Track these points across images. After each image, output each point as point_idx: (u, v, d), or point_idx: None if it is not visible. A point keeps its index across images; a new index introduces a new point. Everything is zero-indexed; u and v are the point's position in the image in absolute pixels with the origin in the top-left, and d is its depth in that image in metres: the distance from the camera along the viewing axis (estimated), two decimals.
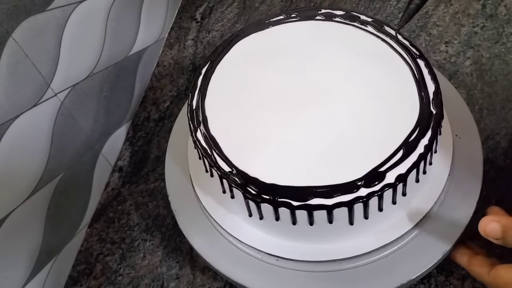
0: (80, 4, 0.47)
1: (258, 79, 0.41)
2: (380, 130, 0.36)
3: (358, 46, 0.41)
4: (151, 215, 0.52)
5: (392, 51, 0.40)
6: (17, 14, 0.39)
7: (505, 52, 0.57)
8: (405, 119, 0.36)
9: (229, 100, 0.40)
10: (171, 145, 0.47)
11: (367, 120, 0.37)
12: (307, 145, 0.36)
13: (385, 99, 0.38)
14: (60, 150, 0.46)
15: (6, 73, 0.39)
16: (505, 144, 0.49)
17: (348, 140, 0.36)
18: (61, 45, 0.45)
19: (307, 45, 0.42)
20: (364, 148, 0.35)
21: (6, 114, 0.39)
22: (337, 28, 0.43)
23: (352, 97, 0.38)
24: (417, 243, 0.37)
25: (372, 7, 0.66)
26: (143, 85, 0.63)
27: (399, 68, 0.39)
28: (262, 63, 0.42)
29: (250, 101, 0.39)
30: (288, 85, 0.40)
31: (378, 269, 0.37)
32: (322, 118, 0.37)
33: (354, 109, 0.38)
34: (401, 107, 0.37)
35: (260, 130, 0.37)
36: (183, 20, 0.70)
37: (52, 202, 0.46)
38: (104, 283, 0.48)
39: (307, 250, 0.37)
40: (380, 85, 0.39)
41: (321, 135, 0.36)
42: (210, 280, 0.46)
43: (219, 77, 0.41)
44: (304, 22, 0.44)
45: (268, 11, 0.69)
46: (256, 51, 0.43)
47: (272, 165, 0.35)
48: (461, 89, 0.54)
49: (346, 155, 0.35)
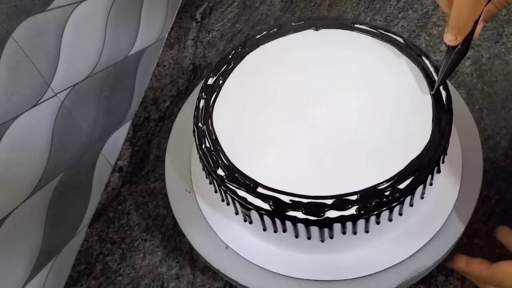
0: (80, 4, 0.47)
1: (267, 84, 0.41)
2: (390, 140, 0.36)
3: (368, 53, 0.41)
4: (151, 215, 0.52)
5: (405, 59, 0.40)
6: (17, 14, 0.39)
7: (505, 52, 0.57)
8: (415, 134, 0.35)
9: (236, 106, 0.40)
10: (171, 145, 0.47)
11: (375, 129, 0.36)
12: (313, 153, 0.36)
13: (395, 109, 0.37)
14: (60, 150, 0.46)
15: (6, 73, 0.39)
16: (505, 144, 0.49)
17: (355, 148, 0.35)
18: (61, 45, 0.45)
19: (317, 51, 0.42)
20: (371, 158, 0.35)
21: (6, 114, 0.39)
22: (345, 35, 0.43)
23: (362, 104, 0.38)
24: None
25: (372, 7, 0.66)
26: (143, 85, 0.63)
27: (413, 77, 0.39)
28: (272, 69, 0.42)
29: (258, 107, 0.39)
30: (296, 90, 0.40)
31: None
32: (330, 125, 0.37)
33: (362, 116, 0.37)
34: (411, 120, 0.36)
35: (266, 136, 0.37)
36: (183, 20, 0.70)
37: (52, 202, 0.46)
38: (104, 283, 0.48)
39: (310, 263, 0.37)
40: (390, 94, 0.38)
41: (328, 142, 0.36)
42: (210, 280, 0.46)
43: (230, 84, 0.41)
44: (311, 30, 0.44)
45: (268, 11, 0.69)
46: (267, 58, 0.43)
47: (274, 172, 0.35)
48: (461, 89, 0.54)
49: (352, 165, 0.35)
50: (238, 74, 0.42)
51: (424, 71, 0.39)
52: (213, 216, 0.41)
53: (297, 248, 0.37)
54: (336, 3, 0.68)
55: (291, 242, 0.36)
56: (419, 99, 0.37)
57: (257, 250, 0.38)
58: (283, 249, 0.38)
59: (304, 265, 0.37)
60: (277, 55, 0.43)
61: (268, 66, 0.42)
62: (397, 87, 0.38)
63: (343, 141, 0.36)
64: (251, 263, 0.38)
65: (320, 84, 0.40)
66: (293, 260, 0.37)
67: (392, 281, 0.36)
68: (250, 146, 0.37)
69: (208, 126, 0.38)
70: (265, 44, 0.44)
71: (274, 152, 0.36)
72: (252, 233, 0.39)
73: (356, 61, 0.41)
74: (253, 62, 0.43)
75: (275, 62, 0.42)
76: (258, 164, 0.35)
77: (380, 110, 0.37)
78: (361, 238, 0.35)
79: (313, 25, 0.44)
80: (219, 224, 0.40)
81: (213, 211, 0.41)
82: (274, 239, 0.37)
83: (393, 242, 0.37)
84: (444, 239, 0.37)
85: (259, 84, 0.41)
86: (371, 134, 0.36)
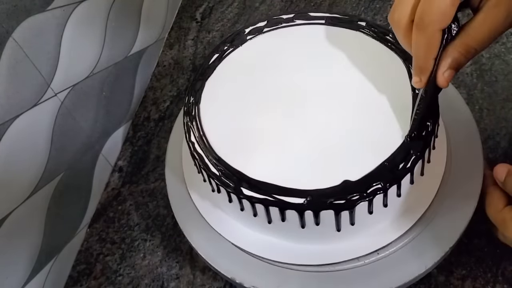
0: (80, 4, 0.47)
1: (255, 82, 0.41)
2: (378, 131, 0.36)
3: (359, 51, 0.41)
4: (151, 215, 0.52)
5: (395, 55, 0.40)
6: (17, 14, 0.39)
7: (505, 52, 0.57)
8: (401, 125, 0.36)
9: (225, 103, 0.40)
10: (171, 145, 0.47)
11: (364, 122, 0.37)
12: (302, 148, 0.36)
13: (383, 103, 0.37)
14: (60, 150, 0.46)
15: (6, 73, 0.39)
16: (505, 144, 0.49)
17: (344, 142, 0.36)
18: (61, 45, 0.45)
19: (306, 48, 0.42)
20: (360, 150, 0.35)
21: (6, 114, 0.39)
22: (337, 32, 0.43)
23: (349, 101, 0.38)
24: (418, 243, 0.37)
25: (372, 7, 0.66)
26: (143, 85, 0.63)
27: (400, 73, 0.39)
28: (260, 67, 0.42)
29: (247, 104, 0.40)
30: (284, 88, 0.40)
31: (378, 269, 0.37)
32: (319, 121, 0.37)
33: (349, 113, 0.38)
34: (397, 112, 0.37)
35: (254, 132, 0.38)
36: (183, 20, 0.70)
37: (52, 202, 0.46)
38: (104, 283, 0.48)
39: (307, 252, 0.37)
40: (379, 89, 0.38)
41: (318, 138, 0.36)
42: (210, 280, 0.46)
43: (214, 81, 0.41)
44: (302, 26, 0.44)
45: (268, 11, 0.69)
46: (255, 55, 0.43)
47: (265, 166, 0.35)
48: (461, 89, 0.54)
49: (341, 158, 0.35)
50: (223, 70, 0.42)
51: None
52: (213, 216, 0.41)
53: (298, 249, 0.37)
54: (336, 3, 0.68)
55: (292, 235, 0.36)
56: (405, 92, 0.37)
57: (257, 249, 0.38)
58: (284, 241, 0.38)
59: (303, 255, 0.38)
60: (266, 51, 0.43)
61: (256, 62, 0.42)
62: (389, 83, 0.39)
63: (331, 136, 0.36)
64: (251, 263, 0.38)
65: (311, 80, 0.40)
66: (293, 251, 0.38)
67: (393, 281, 0.36)
68: (238, 142, 0.37)
69: (197, 123, 0.38)
70: (253, 39, 0.44)
71: (263, 148, 0.37)
72: (253, 231, 0.39)
73: (348, 57, 0.41)
74: (239, 59, 0.43)
75: (262, 58, 0.42)
76: (249, 159, 0.36)
77: (371, 106, 0.38)
78: (351, 230, 0.35)
79: (305, 18, 0.44)
80: (219, 224, 0.40)
81: (213, 211, 0.41)
82: (275, 233, 0.37)
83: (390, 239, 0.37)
84: (444, 239, 0.37)
85: (245, 82, 0.41)
86: (359, 130, 0.36)
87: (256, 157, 0.36)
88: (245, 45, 0.43)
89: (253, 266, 0.38)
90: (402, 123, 0.36)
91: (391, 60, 0.40)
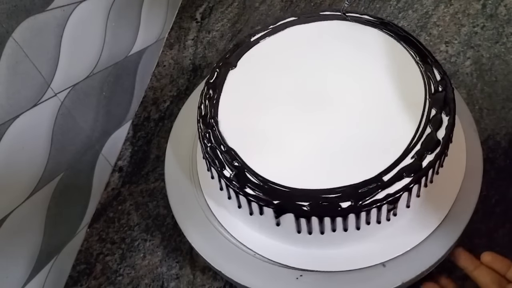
0: (80, 4, 0.47)
1: (269, 82, 0.41)
2: (389, 133, 0.36)
3: (371, 48, 0.41)
4: (151, 215, 0.52)
5: (408, 54, 0.40)
6: (17, 14, 0.39)
7: (505, 52, 0.57)
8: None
9: (240, 103, 0.40)
10: (171, 145, 0.47)
11: (376, 123, 0.37)
12: (314, 147, 0.36)
13: (394, 103, 0.37)
14: (60, 150, 0.46)
15: (6, 73, 0.39)
16: (505, 144, 0.49)
17: (355, 143, 0.36)
18: (61, 45, 0.45)
19: (319, 46, 0.42)
20: (371, 152, 0.35)
21: (6, 114, 0.39)
22: (349, 29, 0.43)
23: (362, 100, 0.38)
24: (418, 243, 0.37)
25: (372, 7, 0.66)
26: (143, 85, 0.63)
27: (411, 71, 0.39)
28: (273, 66, 0.42)
29: (260, 104, 0.40)
30: (298, 87, 0.40)
31: (378, 269, 0.37)
32: (331, 121, 0.37)
33: (363, 112, 0.37)
34: (407, 111, 0.37)
35: (268, 132, 0.38)
36: (183, 20, 0.70)
37: (52, 202, 0.46)
38: (104, 283, 0.48)
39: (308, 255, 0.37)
40: (390, 88, 0.38)
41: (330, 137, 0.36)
42: (210, 280, 0.46)
43: (232, 81, 0.41)
44: (314, 23, 0.44)
45: (268, 11, 0.69)
46: (268, 55, 0.43)
47: (276, 166, 0.35)
48: (461, 89, 0.54)
49: (351, 158, 0.35)
50: (238, 71, 0.42)
51: (427, 75, 0.39)
52: (213, 216, 0.41)
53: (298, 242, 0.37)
54: (336, 3, 0.68)
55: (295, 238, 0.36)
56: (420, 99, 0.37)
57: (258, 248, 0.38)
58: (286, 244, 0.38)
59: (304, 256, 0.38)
60: (276, 52, 0.43)
61: (268, 64, 0.42)
62: (403, 84, 0.39)
63: (342, 138, 0.36)
64: (251, 263, 0.38)
65: (323, 81, 0.40)
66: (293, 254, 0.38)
67: (393, 281, 0.36)
68: (253, 141, 0.37)
69: (213, 126, 0.38)
70: (263, 41, 0.44)
71: (276, 149, 0.36)
72: (254, 231, 0.39)
73: (358, 56, 0.41)
74: (251, 60, 0.43)
75: (274, 59, 0.42)
76: (268, 162, 0.36)
77: (382, 107, 0.38)
78: (359, 233, 0.35)
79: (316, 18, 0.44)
80: (219, 224, 0.40)
81: (213, 211, 0.41)
82: (277, 236, 0.37)
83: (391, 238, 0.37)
84: (444, 239, 0.37)
85: (256, 83, 0.41)
86: (368, 132, 0.36)
87: (269, 158, 0.36)
88: (271, 39, 0.44)
89: (254, 266, 0.38)
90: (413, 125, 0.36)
91: (408, 63, 0.40)
